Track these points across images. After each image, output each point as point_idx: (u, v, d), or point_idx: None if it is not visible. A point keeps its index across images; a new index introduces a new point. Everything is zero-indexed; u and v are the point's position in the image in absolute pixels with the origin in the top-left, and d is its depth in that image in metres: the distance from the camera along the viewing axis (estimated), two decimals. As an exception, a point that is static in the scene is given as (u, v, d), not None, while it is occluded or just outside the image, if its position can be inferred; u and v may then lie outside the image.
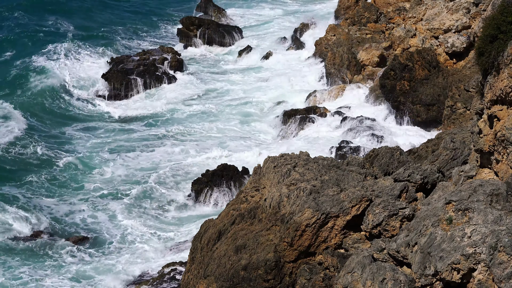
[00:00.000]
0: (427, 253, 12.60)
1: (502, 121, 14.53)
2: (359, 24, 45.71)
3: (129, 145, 35.82)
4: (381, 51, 40.85)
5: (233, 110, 41.13)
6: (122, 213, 28.63)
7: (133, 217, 28.30)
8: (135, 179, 31.87)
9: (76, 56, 50.42)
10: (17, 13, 58.52)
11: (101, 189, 30.82)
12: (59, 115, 40.57)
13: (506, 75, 14.21)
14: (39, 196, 29.74)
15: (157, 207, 29.43)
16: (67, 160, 33.45)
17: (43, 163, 33.15)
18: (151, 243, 26.26)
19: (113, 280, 23.67)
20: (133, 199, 29.83)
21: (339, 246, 15.93)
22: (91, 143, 36.15)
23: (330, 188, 16.70)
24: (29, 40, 52.14)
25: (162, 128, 38.59)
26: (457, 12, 38.22)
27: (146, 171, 32.65)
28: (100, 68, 47.96)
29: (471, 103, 27.90)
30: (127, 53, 51.89)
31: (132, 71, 46.13)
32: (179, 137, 37.21)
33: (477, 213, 12.57)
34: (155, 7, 68.18)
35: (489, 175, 15.42)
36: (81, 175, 32.27)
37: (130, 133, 37.69)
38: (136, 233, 26.96)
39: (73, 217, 28.35)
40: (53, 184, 31.05)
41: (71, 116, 40.68)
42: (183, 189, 31.02)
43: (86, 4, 65.06)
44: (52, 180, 31.47)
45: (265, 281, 15.94)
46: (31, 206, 28.32)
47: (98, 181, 31.64)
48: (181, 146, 35.71)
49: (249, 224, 17.78)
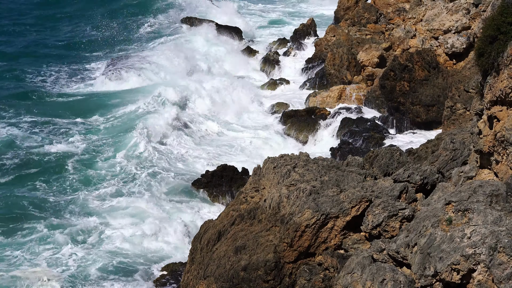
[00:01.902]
0: (426, 253, 12.60)
1: (502, 121, 14.53)
2: (359, 25, 45.73)
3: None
4: (381, 51, 40.87)
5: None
6: (120, 212, 28.59)
7: (133, 217, 28.25)
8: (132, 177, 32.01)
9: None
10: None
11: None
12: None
13: (505, 76, 14.22)
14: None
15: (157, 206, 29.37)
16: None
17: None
18: (151, 243, 26.21)
19: (112, 281, 23.64)
20: (132, 199, 29.79)
21: (339, 247, 15.94)
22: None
23: (330, 188, 16.70)
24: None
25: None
26: (456, 13, 38.24)
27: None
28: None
29: (471, 103, 27.88)
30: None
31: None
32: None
33: (476, 214, 12.57)
34: (155, 7, 68.33)
35: (489, 175, 15.43)
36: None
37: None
38: (136, 233, 26.90)
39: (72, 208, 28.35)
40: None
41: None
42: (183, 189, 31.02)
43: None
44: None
45: (265, 282, 15.94)
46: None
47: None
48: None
49: (249, 225, 17.79)
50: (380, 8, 46.95)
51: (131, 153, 33.68)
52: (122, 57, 49.85)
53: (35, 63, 49.96)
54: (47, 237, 25.52)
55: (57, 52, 53.59)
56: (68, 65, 49.97)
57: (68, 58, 51.78)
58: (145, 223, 26.88)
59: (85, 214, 27.62)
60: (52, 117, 38.41)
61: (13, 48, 54.48)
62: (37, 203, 28.23)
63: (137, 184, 30.66)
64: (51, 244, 25.20)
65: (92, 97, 43.10)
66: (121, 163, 32.62)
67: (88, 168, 32.08)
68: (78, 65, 50.42)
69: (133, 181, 30.93)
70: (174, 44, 52.84)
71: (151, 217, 27.31)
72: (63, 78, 46.97)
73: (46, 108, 40.09)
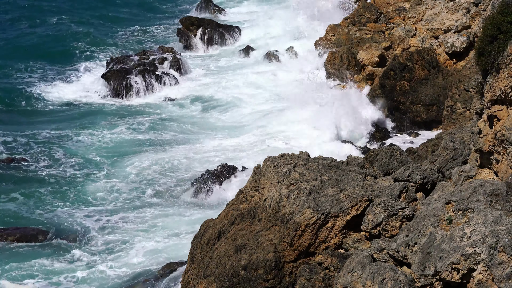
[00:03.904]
0: (426, 253, 12.61)
1: (502, 121, 14.54)
2: (359, 24, 45.68)
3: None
4: (381, 51, 40.84)
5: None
6: (119, 212, 28.60)
7: (132, 218, 28.26)
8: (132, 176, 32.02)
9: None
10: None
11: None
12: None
13: (506, 75, 14.22)
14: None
15: (156, 206, 29.38)
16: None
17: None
18: (151, 244, 26.22)
19: (112, 280, 23.64)
20: (131, 199, 29.80)
21: (339, 246, 15.94)
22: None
23: (330, 188, 16.70)
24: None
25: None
26: (457, 12, 38.24)
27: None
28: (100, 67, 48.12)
29: (471, 103, 27.90)
30: (126, 53, 51.90)
31: (131, 71, 46.12)
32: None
33: (477, 213, 12.57)
34: (154, 7, 68.19)
35: (489, 175, 15.44)
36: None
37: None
38: (136, 233, 26.91)
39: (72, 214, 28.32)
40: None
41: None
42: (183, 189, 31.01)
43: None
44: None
45: (265, 281, 15.94)
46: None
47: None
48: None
49: (249, 224, 17.79)
50: (380, 7, 46.91)
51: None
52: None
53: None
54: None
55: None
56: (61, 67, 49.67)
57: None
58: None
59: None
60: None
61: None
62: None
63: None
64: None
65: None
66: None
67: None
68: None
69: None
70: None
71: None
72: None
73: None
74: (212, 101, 42.94)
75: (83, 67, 49.42)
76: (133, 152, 34.87)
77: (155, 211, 28.69)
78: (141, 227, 27.42)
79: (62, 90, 44.74)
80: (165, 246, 26.02)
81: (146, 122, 39.30)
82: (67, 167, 32.89)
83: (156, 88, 45.11)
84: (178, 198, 30.16)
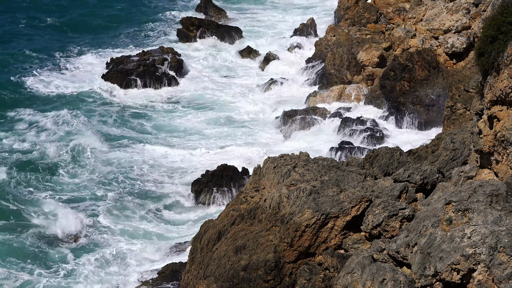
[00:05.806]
0: (427, 253, 12.60)
1: (502, 121, 14.54)
2: (359, 25, 45.73)
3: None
4: (381, 51, 40.87)
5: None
6: (118, 213, 28.59)
7: (132, 218, 28.27)
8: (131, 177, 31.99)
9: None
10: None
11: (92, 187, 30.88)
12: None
13: (506, 76, 14.22)
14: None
15: (157, 208, 29.39)
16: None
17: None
18: (151, 244, 26.23)
19: (113, 281, 23.65)
20: (131, 199, 29.80)
21: (339, 247, 15.93)
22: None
23: (330, 188, 16.70)
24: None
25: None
26: (457, 13, 38.25)
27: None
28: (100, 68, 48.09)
29: (471, 103, 27.88)
30: (127, 53, 51.86)
31: (131, 71, 46.11)
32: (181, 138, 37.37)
33: (477, 214, 12.57)
34: (155, 7, 68.17)
35: (489, 175, 15.44)
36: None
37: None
38: (135, 234, 26.92)
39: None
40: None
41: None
42: (183, 189, 31.01)
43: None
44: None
45: (265, 282, 15.94)
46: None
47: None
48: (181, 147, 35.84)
49: (249, 225, 17.78)
50: (380, 8, 46.95)
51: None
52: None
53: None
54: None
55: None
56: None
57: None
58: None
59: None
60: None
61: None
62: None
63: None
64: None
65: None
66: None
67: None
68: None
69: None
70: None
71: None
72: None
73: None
74: (212, 101, 42.94)
75: (83, 67, 49.34)
76: (134, 151, 34.90)
77: (155, 211, 28.71)
78: (141, 227, 27.45)
79: (61, 90, 44.67)
80: (165, 246, 26.04)
81: (146, 122, 39.33)
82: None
83: (156, 88, 45.14)
84: (178, 198, 30.18)
